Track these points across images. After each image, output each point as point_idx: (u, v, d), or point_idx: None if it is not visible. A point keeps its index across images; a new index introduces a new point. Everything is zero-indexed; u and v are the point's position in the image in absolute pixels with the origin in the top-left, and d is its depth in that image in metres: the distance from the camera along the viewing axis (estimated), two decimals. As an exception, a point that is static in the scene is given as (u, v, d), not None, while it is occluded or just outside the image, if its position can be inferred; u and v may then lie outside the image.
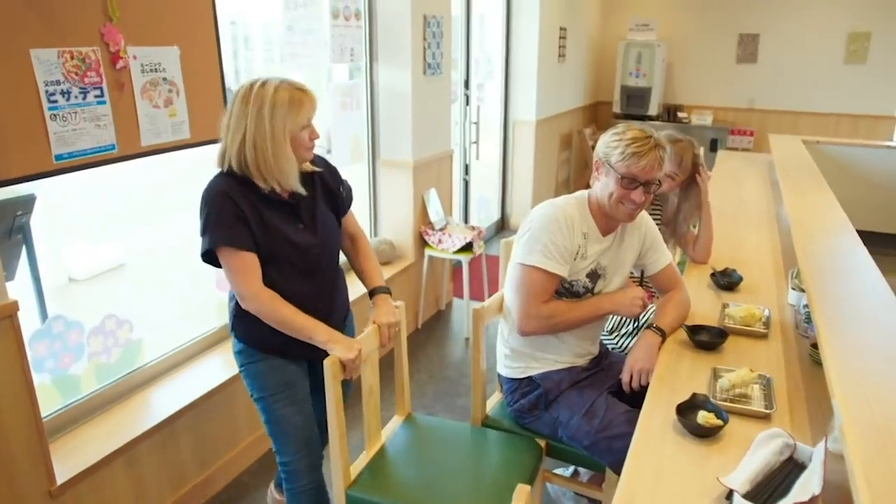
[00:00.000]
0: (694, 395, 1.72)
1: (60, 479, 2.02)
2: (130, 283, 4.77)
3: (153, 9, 2.30)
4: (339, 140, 3.62)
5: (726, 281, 2.56)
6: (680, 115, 7.74)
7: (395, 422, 2.23)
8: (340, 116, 3.60)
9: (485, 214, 5.97)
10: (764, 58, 7.56)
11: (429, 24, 3.80)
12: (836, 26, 7.18)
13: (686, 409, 1.68)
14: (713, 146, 7.30)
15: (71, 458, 2.13)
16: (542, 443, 2.14)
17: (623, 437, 1.87)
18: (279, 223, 1.83)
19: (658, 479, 1.47)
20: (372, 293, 2.12)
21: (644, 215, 2.15)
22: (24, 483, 1.93)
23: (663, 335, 2.09)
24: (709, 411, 1.66)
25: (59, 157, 2.06)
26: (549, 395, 2.10)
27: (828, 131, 7.31)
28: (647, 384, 2.05)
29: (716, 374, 1.88)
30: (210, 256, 1.81)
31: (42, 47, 1.96)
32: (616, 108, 7.75)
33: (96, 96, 2.15)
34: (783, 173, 3.92)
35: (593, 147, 7.45)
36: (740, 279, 2.57)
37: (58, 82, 2.02)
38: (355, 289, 2.41)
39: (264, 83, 1.75)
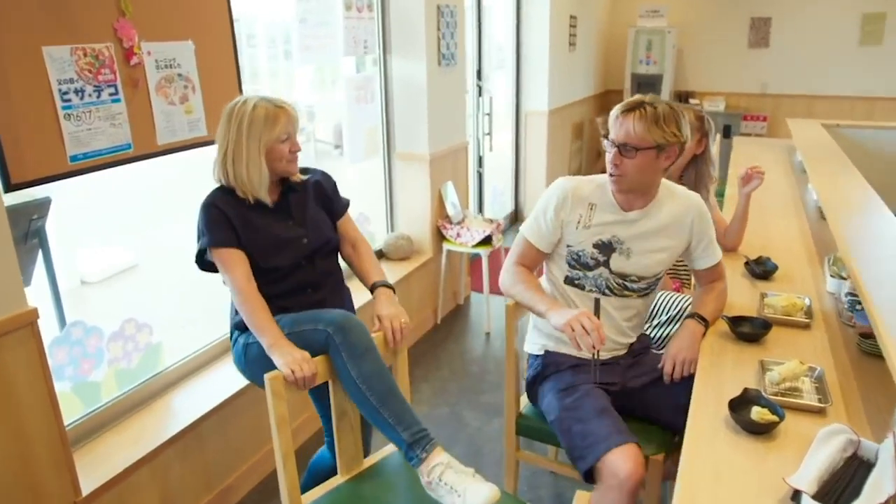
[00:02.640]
0: (746, 389, 1.65)
1: (86, 489, 1.96)
2: (144, 285, 4.72)
3: (166, 1, 2.22)
4: (354, 134, 3.54)
5: (761, 270, 2.48)
6: (692, 101, 7.63)
7: (391, 448, 1.97)
8: (355, 110, 3.52)
9: (498, 206, 5.90)
10: (776, 42, 7.45)
11: (443, 13, 3.72)
12: (850, 7, 7.05)
13: (738, 405, 1.61)
14: (726, 132, 7.20)
15: (95, 468, 2.07)
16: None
17: (585, 424, 1.86)
18: (267, 224, 1.94)
19: (717, 478, 1.40)
20: (372, 289, 2.07)
21: (701, 209, 2.04)
22: (49, 495, 1.87)
23: (706, 325, 2.01)
24: (762, 406, 1.59)
25: (73, 158, 1.99)
26: (546, 370, 2.10)
27: (843, 114, 7.18)
28: (690, 375, 1.99)
29: (764, 367, 1.80)
30: (202, 262, 1.95)
31: (54, 44, 1.90)
32: (627, 97, 7.62)
33: (111, 94, 2.08)
34: (808, 158, 3.83)
35: (605, 136, 7.39)
36: (775, 268, 2.49)
37: (71, 80, 1.96)
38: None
39: (245, 101, 1.89)
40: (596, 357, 1.86)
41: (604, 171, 2.01)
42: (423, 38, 3.60)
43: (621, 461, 1.74)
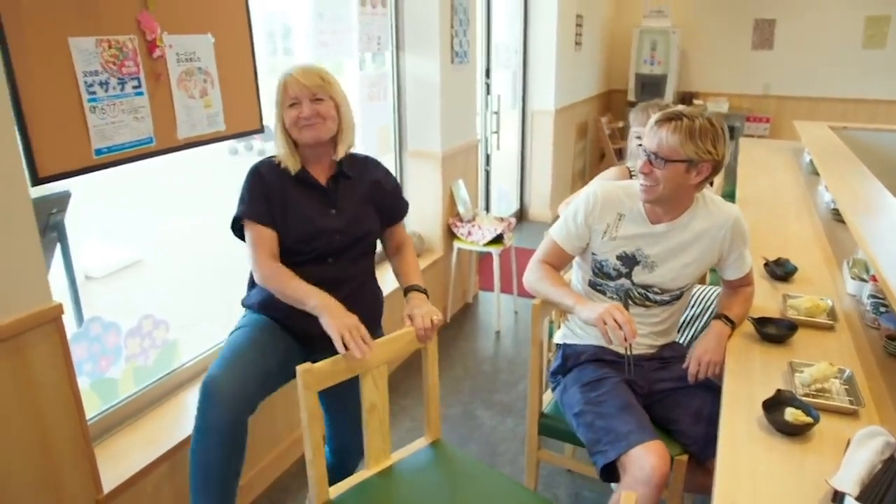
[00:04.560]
0: (779, 391, 1.64)
1: (107, 487, 1.94)
2: (149, 281, 4.69)
3: (189, -6, 2.20)
4: (366, 132, 3.52)
5: (781, 271, 2.48)
6: (695, 102, 7.64)
7: (418, 444, 2.01)
8: (368, 107, 3.51)
9: (505, 205, 5.89)
10: (780, 43, 7.46)
11: (456, 11, 3.71)
12: (853, 10, 7.07)
13: (771, 406, 1.60)
14: (730, 134, 7.19)
15: (115, 466, 2.05)
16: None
17: (608, 419, 1.86)
18: (306, 205, 1.92)
19: (755, 481, 1.39)
20: (406, 291, 2.03)
21: (737, 223, 1.99)
22: (72, 492, 1.85)
23: (733, 326, 2.00)
24: (796, 408, 1.58)
25: (98, 152, 1.97)
26: (568, 361, 2.11)
27: (846, 117, 7.21)
28: (714, 384, 1.98)
29: (793, 369, 1.79)
30: (237, 228, 1.96)
31: (80, 35, 1.87)
32: (631, 97, 7.65)
33: (134, 87, 2.05)
34: (820, 160, 3.83)
35: (610, 136, 7.37)
36: (795, 269, 2.49)
37: (96, 73, 1.93)
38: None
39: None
40: (629, 352, 1.85)
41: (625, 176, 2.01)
42: (436, 35, 3.59)
43: (644, 457, 1.73)
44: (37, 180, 1.78)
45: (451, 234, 4.02)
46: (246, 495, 2.53)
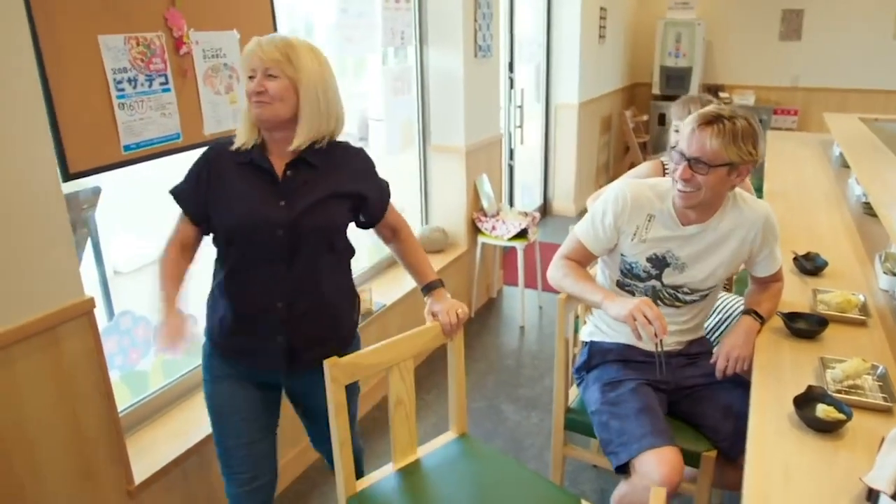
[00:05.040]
0: (810, 387, 1.62)
1: (138, 478, 1.97)
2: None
3: (214, -10, 2.22)
4: (390, 126, 3.53)
5: (811, 266, 2.44)
6: (721, 95, 7.54)
7: (445, 438, 2.01)
8: (392, 102, 3.51)
9: (528, 200, 5.87)
10: (808, 34, 7.32)
11: (479, 4, 3.69)
12: (884, 0, 6.92)
13: (802, 403, 1.58)
14: (758, 127, 7.09)
15: (145, 458, 2.08)
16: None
17: (623, 420, 1.85)
18: (250, 193, 1.66)
19: (787, 477, 1.38)
20: (426, 289, 1.91)
21: (767, 221, 1.96)
22: (105, 483, 1.88)
23: (762, 322, 1.98)
24: (828, 405, 1.56)
25: (127, 148, 1.99)
26: (592, 359, 2.11)
27: (877, 108, 7.05)
28: (742, 379, 1.96)
29: (824, 364, 1.77)
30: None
31: (109, 33, 1.90)
32: (655, 90, 7.57)
33: (161, 84, 2.08)
34: (850, 152, 3.76)
35: (634, 129, 7.30)
36: (825, 264, 2.45)
37: (124, 70, 1.96)
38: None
39: None
40: (660, 348, 1.82)
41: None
42: (460, 29, 3.58)
43: (655, 464, 1.73)
44: (68, 176, 1.81)
45: (475, 229, 4.01)
46: (273, 488, 2.55)
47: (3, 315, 1.57)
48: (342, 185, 1.71)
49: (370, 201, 1.79)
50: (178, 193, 1.73)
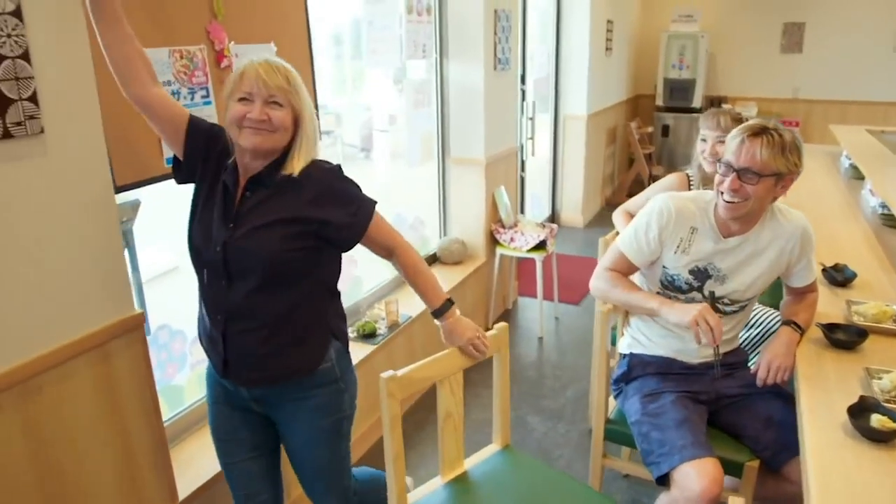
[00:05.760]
0: (862, 397, 1.63)
1: (182, 494, 1.96)
2: (184, 287, 4.72)
3: (253, 3, 2.23)
4: (411, 139, 3.54)
5: (841, 277, 2.46)
6: (724, 106, 7.60)
7: (489, 450, 2.04)
8: (413, 115, 3.53)
9: (537, 211, 5.89)
10: (809, 47, 7.42)
11: (499, 18, 3.72)
12: (885, 13, 7.02)
13: (856, 413, 1.59)
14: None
15: (186, 472, 2.07)
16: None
17: (663, 431, 1.87)
18: (210, 205, 1.61)
19: (850, 488, 1.39)
20: (436, 314, 1.81)
21: (805, 232, 1.99)
22: (151, 498, 1.87)
23: (801, 332, 1.99)
24: (882, 415, 1.57)
25: (169, 161, 1.98)
26: (632, 371, 2.11)
27: (876, 120, 7.14)
28: (783, 390, 1.97)
29: (870, 375, 1.78)
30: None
31: (155, 47, 1.90)
32: (659, 101, 7.63)
33: (203, 97, 2.08)
34: (864, 164, 3.80)
35: (639, 141, 7.34)
36: (854, 275, 2.47)
37: (168, 83, 1.96)
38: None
39: None
40: (718, 354, 1.87)
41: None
42: (480, 42, 3.60)
43: (695, 476, 1.74)
44: (115, 189, 1.81)
45: (493, 241, 4.02)
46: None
47: (61, 330, 1.57)
48: (298, 210, 1.57)
49: (334, 226, 1.60)
50: (192, 125, 1.65)
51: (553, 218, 6.30)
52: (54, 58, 1.49)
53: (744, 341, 2.50)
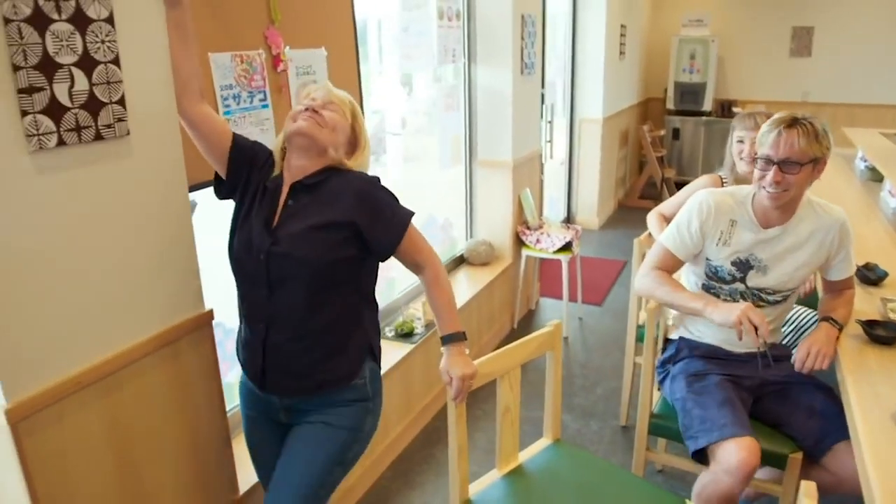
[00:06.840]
0: (912, 390, 1.69)
1: (242, 488, 2.01)
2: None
3: (307, 10, 2.30)
4: (442, 141, 3.60)
5: (873, 275, 2.52)
6: (734, 110, 7.67)
7: (541, 444, 2.11)
8: (443, 118, 3.58)
9: (554, 213, 5.94)
10: (818, 51, 7.49)
11: (526, 23, 3.78)
12: (893, 17, 7.09)
13: (906, 406, 1.65)
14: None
15: (243, 468, 2.11)
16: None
17: (706, 409, 1.94)
18: (258, 215, 1.65)
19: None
20: (449, 339, 1.74)
21: (843, 224, 2.08)
22: (215, 492, 1.92)
23: (840, 328, 2.05)
24: (932, 406, 1.62)
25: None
26: (679, 353, 2.20)
27: (885, 124, 7.19)
28: (822, 369, 2.01)
29: (915, 370, 1.84)
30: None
31: (219, 51, 1.96)
32: (669, 105, 7.70)
33: (260, 100, 2.14)
34: (883, 166, 3.86)
35: (652, 144, 7.40)
36: (886, 274, 2.53)
37: (230, 87, 2.02)
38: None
39: None
40: (763, 348, 1.92)
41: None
42: (509, 46, 3.67)
43: (734, 449, 1.81)
44: (185, 190, 1.86)
45: (518, 242, 4.08)
46: (348, 499, 2.59)
47: (141, 327, 1.62)
48: (338, 216, 1.60)
49: (373, 232, 1.63)
50: (237, 143, 1.73)
51: (569, 220, 6.36)
52: (140, 63, 1.55)
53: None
